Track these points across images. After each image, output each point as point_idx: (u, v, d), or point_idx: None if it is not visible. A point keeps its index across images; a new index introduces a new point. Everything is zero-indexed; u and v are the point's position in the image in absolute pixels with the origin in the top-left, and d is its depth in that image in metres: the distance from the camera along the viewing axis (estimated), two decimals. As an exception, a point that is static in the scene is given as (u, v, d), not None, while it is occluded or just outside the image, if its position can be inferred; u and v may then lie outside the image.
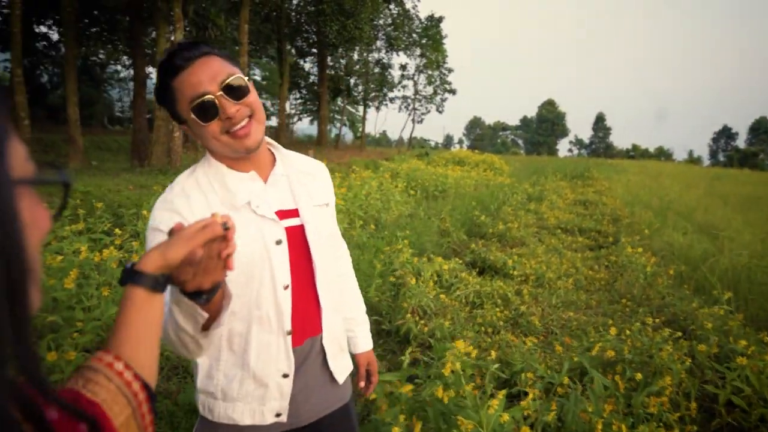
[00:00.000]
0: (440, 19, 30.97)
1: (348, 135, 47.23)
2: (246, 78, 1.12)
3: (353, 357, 1.49)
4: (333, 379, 1.32)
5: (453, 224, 8.46)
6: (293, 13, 19.53)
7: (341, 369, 1.34)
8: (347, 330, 1.47)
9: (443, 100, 35.83)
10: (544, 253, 6.84)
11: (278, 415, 1.20)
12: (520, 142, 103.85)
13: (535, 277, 5.68)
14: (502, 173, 17.06)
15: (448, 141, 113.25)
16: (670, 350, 3.01)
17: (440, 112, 35.90)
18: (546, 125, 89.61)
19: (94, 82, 29.63)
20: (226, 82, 1.07)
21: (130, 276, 0.72)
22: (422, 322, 4.10)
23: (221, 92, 1.06)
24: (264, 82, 40.45)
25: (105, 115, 31.21)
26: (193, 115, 1.08)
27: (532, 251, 6.67)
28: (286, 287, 1.17)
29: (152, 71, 11.71)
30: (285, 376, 1.19)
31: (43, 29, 18.30)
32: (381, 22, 28.43)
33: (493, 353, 2.82)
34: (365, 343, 1.52)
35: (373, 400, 2.42)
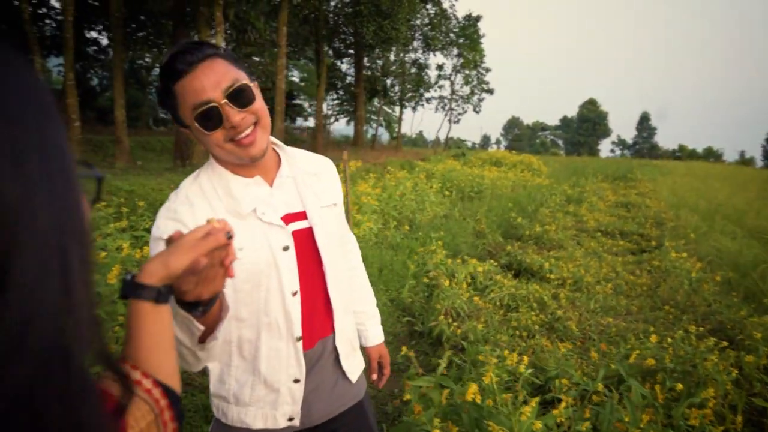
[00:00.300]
0: (478, 18, 30.66)
1: (384, 135, 47.39)
2: (251, 82, 1.07)
3: (364, 350, 1.48)
4: (346, 378, 1.30)
5: (489, 226, 8.36)
6: (331, 15, 19.75)
7: (354, 367, 1.32)
8: (358, 324, 1.45)
9: (480, 100, 35.44)
10: (583, 257, 6.67)
11: (291, 419, 1.20)
12: (559, 142, 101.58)
13: (572, 280, 5.55)
14: (540, 174, 16.73)
15: (486, 141, 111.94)
16: (715, 360, 2.88)
17: (477, 112, 35.52)
18: (587, 125, 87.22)
19: (141, 85, 30.76)
20: (231, 88, 1.02)
21: (132, 289, 0.69)
22: (455, 324, 4.07)
23: (226, 100, 1.01)
24: (302, 84, 41.04)
25: (150, 117, 32.34)
26: (196, 123, 1.03)
27: (570, 254, 6.52)
28: (295, 293, 1.15)
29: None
30: (296, 381, 1.18)
31: (93, 34, 19.16)
32: (418, 22, 28.38)
33: (526, 358, 2.76)
34: (376, 335, 1.50)
35: (407, 401, 2.42)
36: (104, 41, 19.71)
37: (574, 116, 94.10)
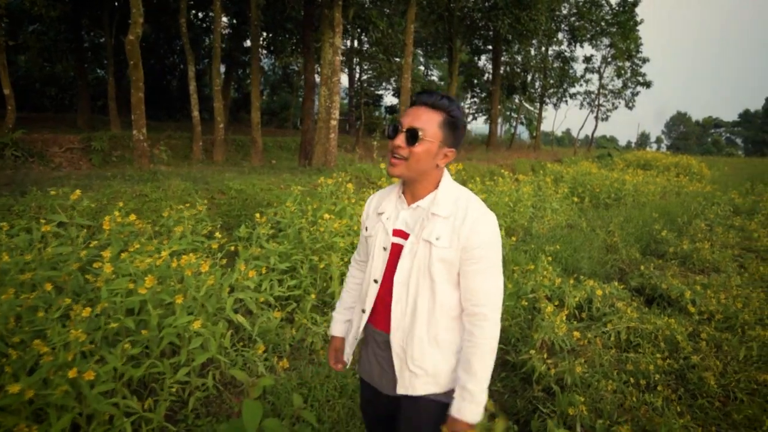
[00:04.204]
0: (635, 3, 27.38)
1: (525, 134, 45.18)
2: (429, 138, 1.41)
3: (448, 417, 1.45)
4: (395, 380, 1.53)
5: (624, 239, 7.23)
6: (466, 11, 19.13)
7: (403, 384, 1.51)
8: (456, 385, 1.46)
9: (635, 94, 31.63)
10: (744, 285, 5.36)
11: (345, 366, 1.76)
12: (738, 141, 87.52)
13: (722, 316, 4.43)
14: (700, 179, 14.31)
15: (644, 140, 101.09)
16: None
17: (630, 107, 31.73)
18: (775, 120, 73.64)
19: (291, 89, 33.24)
20: (411, 126, 1.40)
21: None
22: (550, 361, 3.41)
23: (404, 131, 1.42)
24: (441, 83, 40.96)
25: (298, 118, 34.84)
26: (388, 128, 1.47)
27: (724, 281, 5.26)
28: (376, 281, 1.54)
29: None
30: (355, 338, 1.66)
31: (248, 43, 21.04)
32: (564, 11, 26.30)
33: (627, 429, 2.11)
34: (457, 410, 1.41)
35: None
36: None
37: (759, 111, 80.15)
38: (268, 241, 3.78)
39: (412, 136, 1.39)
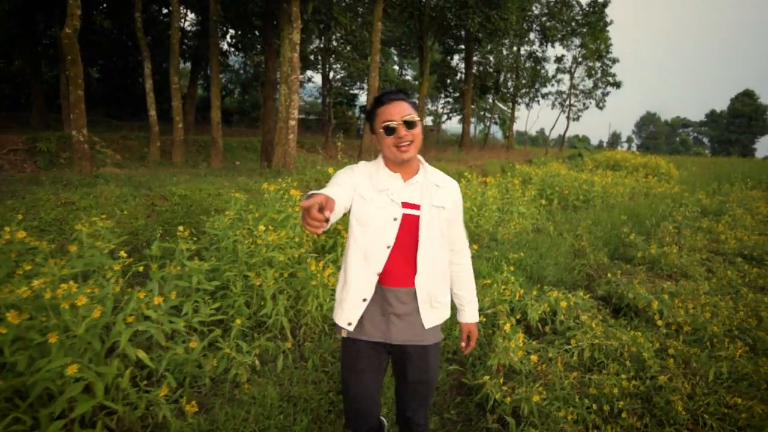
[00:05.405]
0: (605, 4, 27.55)
1: (499, 133, 45.26)
2: (418, 118, 1.79)
3: (460, 324, 2.10)
4: (420, 322, 1.87)
5: (592, 243, 7.01)
6: (437, 9, 18.84)
7: (429, 318, 1.89)
8: (457, 304, 2.10)
9: (605, 94, 31.89)
10: (712, 292, 5.16)
11: (349, 323, 1.86)
12: (705, 140, 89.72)
13: (691, 328, 4.20)
14: (668, 179, 14.32)
15: (615, 140, 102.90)
16: None
17: (601, 108, 31.97)
18: (740, 121, 75.56)
19: (262, 87, 32.55)
20: (405, 117, 1.75)
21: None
22: (506, 388, 3.09)
23: (401, 123, 1.75)
24: (415, 82, 40.71)
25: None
26: (381, 130, 1.77)
27: (692, 289, 5.04)
28: (388, 247, 1.81)
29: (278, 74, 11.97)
30: (364, 300, 1.84)
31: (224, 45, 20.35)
32: (536, 11, 26.28)
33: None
34: (468, 316, 2.08)
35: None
36: (224, 47, 20.82)
37: (725, 111, 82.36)
38: (191, 257, 3.36)
39: (411, 123, 1.75)
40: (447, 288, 1.98)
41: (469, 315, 2.08)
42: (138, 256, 3.29)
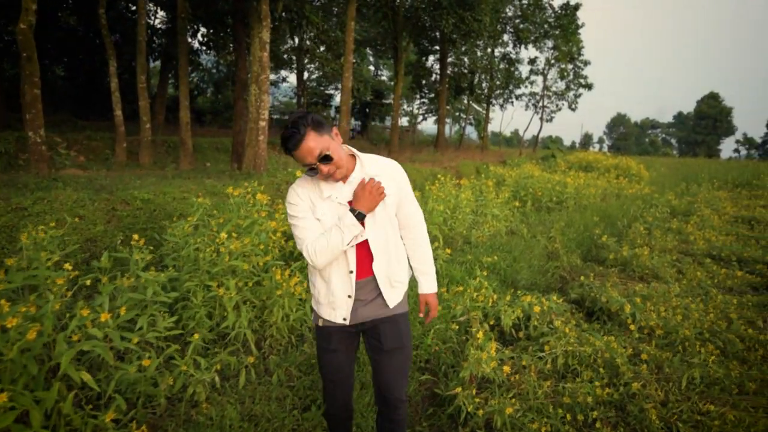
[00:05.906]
0: (576, 7, 27.99)
1: (474, 134, 45.55)
2: (328, 149, 1.80)
3: (419, 296, 2.23)
4: (384, 302, 2.03)
5: (565, 245, 7.01)
6: (411, 9, 18.79)
7: (391, 297, 2.03)
8: (415, 275, 2.21)
9: (577, 96, 32.42)
10: (683, 294, 5.19)
11: (344, 319, 2.00)
12: (673, 141, 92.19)
13: (663, 332, 4.19)
14: (639, 180, 14.55)
15: (587, 141, 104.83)
16: None
17: (573, 109, 32.49)
18: (706, 122, 77.86)
19: (235, 87, 31.96)
20: (320, 155, 1.78)
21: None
22: (478, 399, 3.00)
23: (318, 163, 1.80)
24: (390, 83, 40.64)
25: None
26: (307, 171, 1.88)
27: (664, 292, 5.06)
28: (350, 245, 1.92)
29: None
30: (349, 297, 1.98)
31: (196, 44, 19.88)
32: (510, 13, 26.50)
33: None
34: (426, 287, 2.20)
35: None
36: (195, 45, 20.36)
37: (691, 113, 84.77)
38: (148, 267, 3.17)
39: (325, 158, 1.80)
40: (405, 266, 2.11)
41: (427, 286, 2.18)
42: (95, 265, 3.09)
